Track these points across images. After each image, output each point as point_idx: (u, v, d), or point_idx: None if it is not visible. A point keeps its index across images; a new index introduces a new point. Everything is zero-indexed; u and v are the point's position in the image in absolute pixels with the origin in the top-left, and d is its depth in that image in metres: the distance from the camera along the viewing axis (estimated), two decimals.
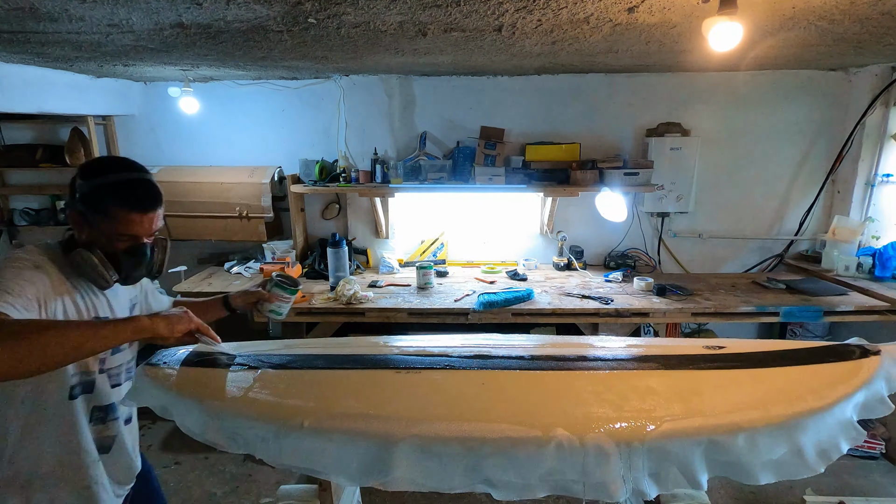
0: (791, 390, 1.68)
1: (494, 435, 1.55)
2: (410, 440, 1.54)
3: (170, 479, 4.37)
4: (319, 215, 5.50)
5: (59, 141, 5.29)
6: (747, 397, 1.67)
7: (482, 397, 1.72)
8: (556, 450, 1.51)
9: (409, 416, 1.63)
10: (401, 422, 1.60)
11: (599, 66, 4.56)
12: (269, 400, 1.74)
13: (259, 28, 2.87)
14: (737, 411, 1.59)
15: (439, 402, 1.72)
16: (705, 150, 5.06)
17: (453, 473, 1.54)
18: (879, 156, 4.85)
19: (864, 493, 4.05)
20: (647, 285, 4.46)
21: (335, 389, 1.81)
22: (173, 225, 5.13)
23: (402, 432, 1.56)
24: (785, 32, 3.12)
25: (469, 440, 1.54)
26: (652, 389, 1.73)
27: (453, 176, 4.93)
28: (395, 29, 2.93)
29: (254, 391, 1.78)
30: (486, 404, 1.70)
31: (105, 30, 2.88)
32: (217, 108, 5.28)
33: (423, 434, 1.56)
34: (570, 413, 1.63)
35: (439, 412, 1.66)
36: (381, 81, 4.93)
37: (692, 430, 1.55)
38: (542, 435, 1.54)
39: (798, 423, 1.56)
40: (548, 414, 1.62)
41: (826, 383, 1.69)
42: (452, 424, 1.58)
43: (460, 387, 1.79)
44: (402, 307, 4.14)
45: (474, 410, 1.67)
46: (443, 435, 1.55)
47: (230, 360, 1.97)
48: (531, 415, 1.62)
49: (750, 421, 1.56)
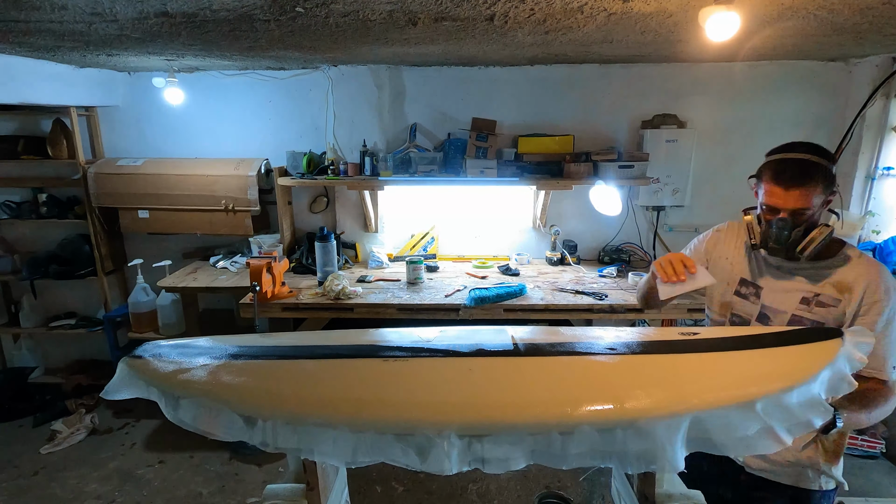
0: (761, 371, 1.78)
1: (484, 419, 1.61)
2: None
3: (154, 478, 4.39)
4: (307, 208, 5.53)
5: (41, 132, 5.30)
6: (721, 379, 1.76)
7: (470, 382, 1.78)
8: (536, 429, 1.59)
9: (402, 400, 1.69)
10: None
11: (594, 57, 4.58)
12: (253, 387, 1.77)
13: (245, 17, 2.89)
14: (711, 392, 1.68)
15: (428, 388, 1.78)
16: (702, 143, 5.10)
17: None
18: (880, 148, 4.89)
19: (863, 493, 4.10)
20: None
21: (322, 377, 1.85)
22: (158, 218, 5.15)
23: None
24: (783, 22, 3.14)
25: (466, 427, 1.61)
26: (631, 373, 1.82)
27: (444, 168, 4.94)
28: (385, 18, 2.95)
29: (236, 379, 1.81)
30: (475, 388, 1.76)
31: (88, 18, 2.89)
32: (203, 99, 5.29)
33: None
34: (554, 395, 1.70)
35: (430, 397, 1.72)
36: (370, 72, 4.95)
37: (671, 411, 1.61)
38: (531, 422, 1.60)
39: (769, 401, 1.64)
40: (532, 397, 1.69)
41: (793, 364, 1.79)
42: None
43: (448, 373, 1.84)
44: (391, 303, 4.17)
45: (463, 394, 1.73)
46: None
47: (217, 351, 1.99)
48: (517, 398, 1.69)
49: (724, 400, 1.64)
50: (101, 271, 5.39)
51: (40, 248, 5.58)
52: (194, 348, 2.03)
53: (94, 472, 4.51)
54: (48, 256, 5.42)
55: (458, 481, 4.30)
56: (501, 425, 1.59)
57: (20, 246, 5.66)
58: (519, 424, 1.59)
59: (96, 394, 5.55)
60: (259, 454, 4.62)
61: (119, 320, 5.40)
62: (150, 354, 1.97)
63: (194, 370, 1.87)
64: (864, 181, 4.99)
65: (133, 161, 5.17)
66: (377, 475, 4.37)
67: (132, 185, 5.04)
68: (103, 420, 5.23)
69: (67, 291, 5.77)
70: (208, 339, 2.06)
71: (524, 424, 1.60)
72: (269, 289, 4.13)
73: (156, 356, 1.96)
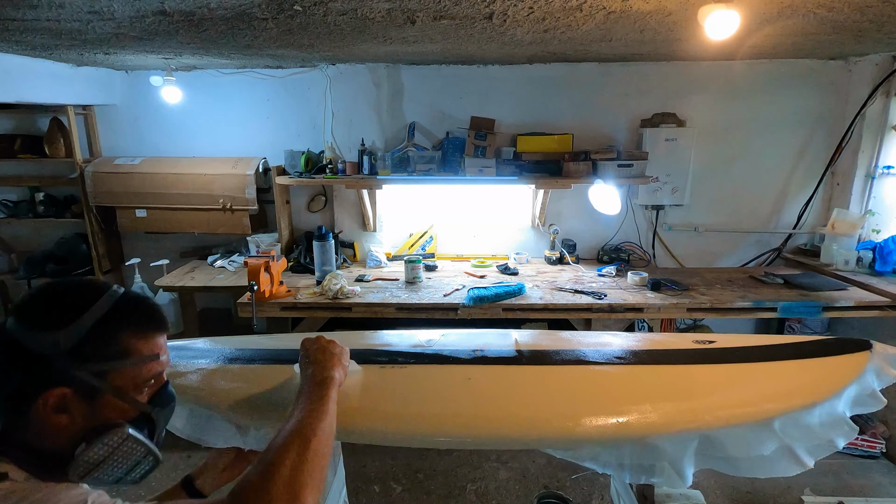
0: (781, 386, 1.70)
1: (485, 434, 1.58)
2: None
3: (150, 478, 4.38)
4: (305, 208, 5.53)
5: (38, 131, 5.31)
6: (737, 393, 1.68)
7: (470, 392, 1.74)
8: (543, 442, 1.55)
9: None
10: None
11: (593, 55, 4.59)
12: (246, 394, 1.75)
13: (243, 15, 2.90)
14: (726, 408, 1.60)
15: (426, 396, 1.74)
16: (701, 142, 5.10)
17: None
18: (880, 147, 4.90)
19: (863, 493, 4.10)
20: (642, 280, 4.50)
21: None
22: (156, 217, 5.15)
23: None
24: (783, 20, 3.15)
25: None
26: (641, 385, 1.75)
27: (442, 167, 4.94)
28: (383, 16, 2.96)
29: (228, 385, 1.79)
30: (474, 400, 1.71)
31: (86, 17, 2.90)
32: (200, 97, 5.29)
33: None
34: (556, 409, 1.64)
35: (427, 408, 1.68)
36: (368, 70, 4.96)
37: (681, 427, 1.56)
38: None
39: (788, 420, 1.58)
40: (535, 410, 1.64)
41: (816, 378, 1.71)
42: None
43: (447, 382, 1.80)
44: (389, 302, 4.17)
45: (462, 405, 1.69)
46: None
47: (213, 356, 1.98)
48: (516, 411, 1.64)
49: (739, 417, 1.57)
50: (99, 270, 5.39)
51: (37, 248, 5.57)
52: (191, 350, 2.02)
53: None
54: (45, 256, 5.41)
55: (457, 481, 4.30)
56: (497, 441, 1.55)
57: (17, 245, 5.66)
58: (516, 441, 1.55)
59: None
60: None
61: None
62: None
63: (189, 374, 1.86)
64: (864, 180, 4.99)
65: (130, 160, 5.17)
66: (375, 475, 4.37)
67: (130, 184, 5.04)
68: None
69: None
70: (206, 341, 2.04)
71: (521, 441, 1.56)
72: (267, 288, 4.13)
73: None
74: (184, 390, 1.75)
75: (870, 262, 4.66)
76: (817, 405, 1.59)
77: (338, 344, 1.63)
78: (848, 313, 4.25)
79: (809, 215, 5.31)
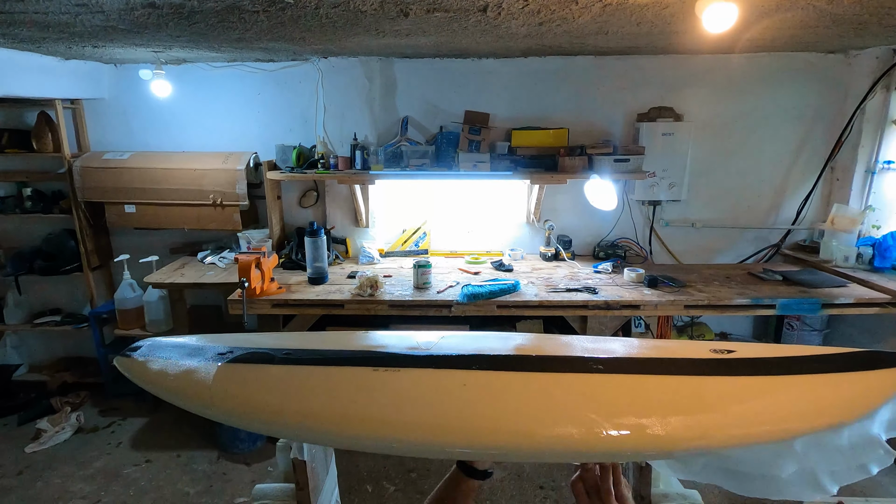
0: (807, 403, 1.57)
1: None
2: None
3: (140, 477, 4.40)
4: (297, 203, 5.53)
5: (25, 126, 5.29)
6: (756, 409, 1.56)
7: (463, 400, 1.70)
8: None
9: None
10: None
11: (589, 48, 4.60)
12: (242, 396, 1.75)
13: (234, 8, 2.90)
14: (744, 425, 1.50)
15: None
16: (699, 136, 5.12)
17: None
18: (880, 142, 4.93)
19: (863, 494, 4.11)
20: (638, 276, 4.52)
21: (308, 386, 1.81)
22: (145, 213, 5.15)
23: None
24: (782, 13, 3.16)
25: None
26: (648, 396, 1.64)
27: (436, 162, 4.95)
28: (376, 9, 2.96)
29: (226, 385, 1.79)
30: (468, 408, 1.68)
31: (73, 9, 2.90)
32: (190, 91, 5.29)
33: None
34: (558, 419, 1.56)
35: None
36: (361, 64, 4.96)
37: (689, 445, 1.48)
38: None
39: (811, 441, 1.50)
40: (529, 424, 1.56)
41: (846, 396, 1.58)
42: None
43: (440, 387, 1.77)
44: (382, 299, 4.19)
45: (456, 412, 1.65)
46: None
47: (211, 352, 1.97)
48: (508, 423, 1.57)
49: (754, 437, 1.48)
50: (87, 267, 5.38)
51: (25, 244, 5.57)
52: (186, 348, 2.01)
53: (80, 471, 4.51)
54: (33, 252, 5.42)
55: None
56: (490, 451, 1.51)
57: (4, 241, 5.64)
58: (511, 453, 1.50)
59: (82, 391, 5.56)
60: (248, 453, 4.64)
61: (105, 317, 5.39)
62: (141, 355, 1.95)
63: (182, 372, 1.86)
64: (863, 175, 5.02)
65: (119, 155, 5.16)
66: (368, 474, 4.39)
67: (118, 180, 5.03)
68: (89, 418, 5.23)
69: (52, 287, 5.74)
70: (200, 338, 2.04)
71: (516, 453, 1.51)
72: (258, 285, 4.14)
73: (146, 356, 1.95)
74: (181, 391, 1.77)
75: (870, 259, 4.68)
76: (846, 425, 1.49)
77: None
78: (848, 310, 4.27)
79: (809, 211, 5.33)
